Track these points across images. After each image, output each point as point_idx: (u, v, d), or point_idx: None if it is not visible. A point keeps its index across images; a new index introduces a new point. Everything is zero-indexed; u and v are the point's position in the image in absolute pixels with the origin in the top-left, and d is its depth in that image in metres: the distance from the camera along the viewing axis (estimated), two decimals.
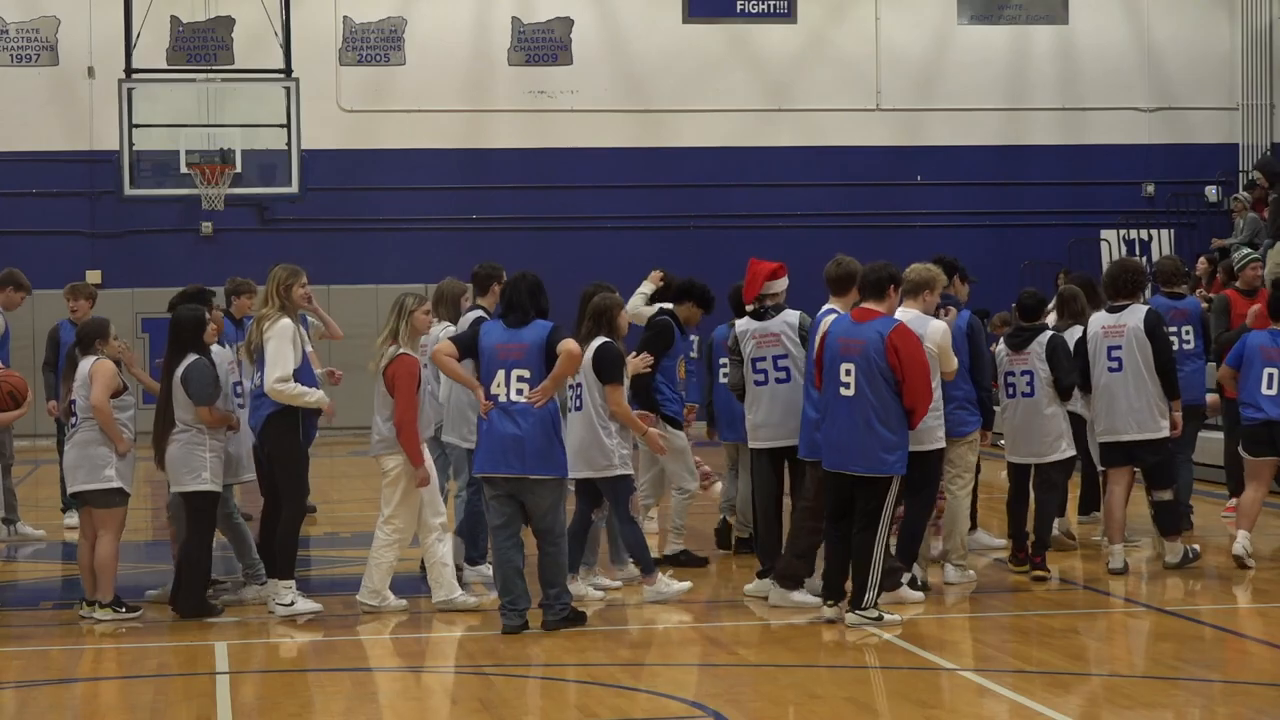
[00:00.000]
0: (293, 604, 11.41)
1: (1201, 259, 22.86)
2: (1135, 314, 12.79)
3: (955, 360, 11.54)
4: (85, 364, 11.52)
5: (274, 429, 11.44)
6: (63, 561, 14.31)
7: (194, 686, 9.73)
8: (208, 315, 11.64)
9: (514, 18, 28.34)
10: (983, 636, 10.82)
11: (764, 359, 11.81)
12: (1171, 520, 12.95)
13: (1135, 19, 29.49)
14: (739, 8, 28.69)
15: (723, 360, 13.11)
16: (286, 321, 11.36)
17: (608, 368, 11.54)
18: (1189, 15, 29.54)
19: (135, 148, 23.04)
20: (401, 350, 11.38)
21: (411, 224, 27.78)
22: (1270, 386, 13.03)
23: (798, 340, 11.69)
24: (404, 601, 11.57)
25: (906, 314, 11.31)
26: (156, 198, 24.52)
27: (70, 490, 11.68)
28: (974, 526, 13.56)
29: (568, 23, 28.40)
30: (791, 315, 11.82)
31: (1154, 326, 12.73)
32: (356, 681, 9.91)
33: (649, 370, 12.38)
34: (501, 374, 10.77)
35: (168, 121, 23.42)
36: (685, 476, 13.36)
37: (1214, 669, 9.92)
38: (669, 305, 13.64)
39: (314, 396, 11.40)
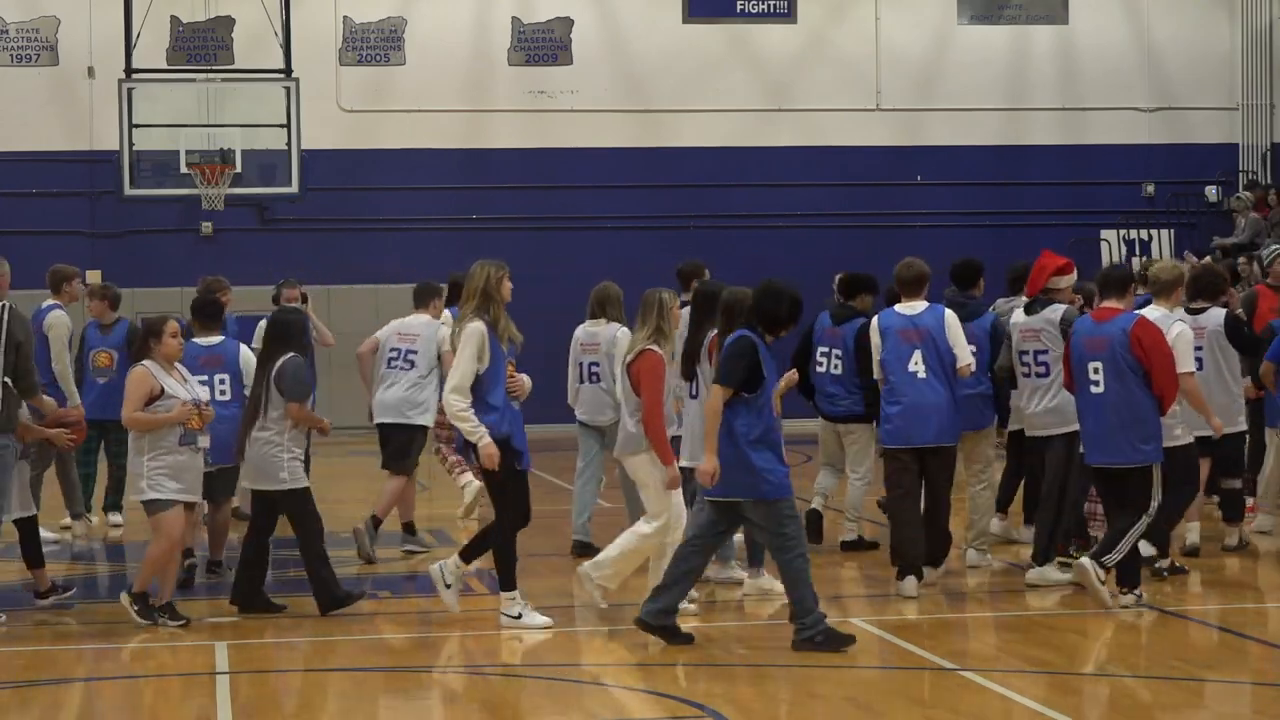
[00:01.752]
0: (519, 617, 10.92)
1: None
2: (1214, 317, 13.28)
3: (1185, 364, 11.66)
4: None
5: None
6: (67, 562, 14.27)
7: (194, 686, 9.73)
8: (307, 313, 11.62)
9: (514, 18, 28.35)
10: (983, 636, 10.81)
11: (1026, 353, 12.11)
12: (1234, 508, 13.56)
13: (1135, 19, 29.49)
14: (739, 8, 28.71)
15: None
16: (475, 325, 10.56)
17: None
18: (1189, 15, 29.55)
19: (135, 148, 23.09)
20: (646, 346, 10.97)
21: (411, 224, 27.79)
22: None
23: (1058, 335, 11.89)
24: (605, 604, 11.21)
25: (1154, 313, 11.74)
26: (156, 198, 24.56)
27: None
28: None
29: (568, 23, 28.41)
30: (1054, 311, 12.02)
31: (1234, 328, 13.27)
32: (356, 681, 9.91)
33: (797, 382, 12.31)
34: None
35: (168, 121, 23.47)
36: (868, 465, 13.61)
37: (1214, 669, 9.91)
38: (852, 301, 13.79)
39: (478, 434, 10.50)
